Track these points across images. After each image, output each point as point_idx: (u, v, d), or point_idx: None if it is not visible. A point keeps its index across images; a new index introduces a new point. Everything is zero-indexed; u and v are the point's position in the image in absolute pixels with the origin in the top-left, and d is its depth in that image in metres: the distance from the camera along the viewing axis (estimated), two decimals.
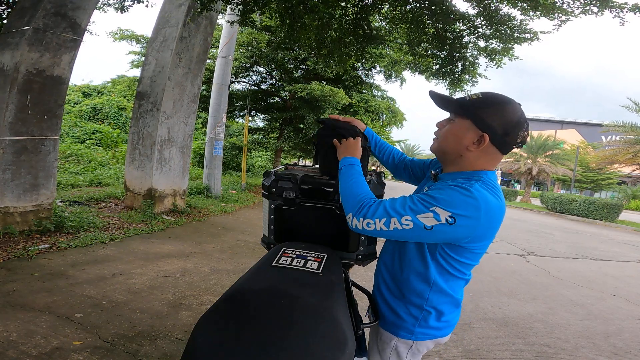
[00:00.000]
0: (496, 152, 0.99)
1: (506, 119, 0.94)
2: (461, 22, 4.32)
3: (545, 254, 6.36)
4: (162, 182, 5.82)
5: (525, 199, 21.85)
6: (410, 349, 1.08)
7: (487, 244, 1.01)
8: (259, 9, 4.52)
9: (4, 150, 3.65)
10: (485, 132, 0.95)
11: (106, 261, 3.50)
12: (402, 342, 1.09)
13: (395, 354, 1.10)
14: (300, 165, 1.69)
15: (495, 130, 0.95)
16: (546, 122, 40.75)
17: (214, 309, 0.80)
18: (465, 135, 0.98)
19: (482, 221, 0.89)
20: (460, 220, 0.87)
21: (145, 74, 5.92)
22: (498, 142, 0.96)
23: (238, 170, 15.37)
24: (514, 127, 0.95)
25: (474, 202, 0.88)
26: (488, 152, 0.98)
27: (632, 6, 3.07)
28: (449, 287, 1.03)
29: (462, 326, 2.91)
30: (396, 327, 1.08)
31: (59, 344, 2.04)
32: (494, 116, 0.95)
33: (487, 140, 0.95)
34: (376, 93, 13.16)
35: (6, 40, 3.82)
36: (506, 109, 0.95)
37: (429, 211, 0.88)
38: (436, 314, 1.05)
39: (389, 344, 1.10)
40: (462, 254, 0.99)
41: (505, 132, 0.95)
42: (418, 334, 1.06)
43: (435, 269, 1.02)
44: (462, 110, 0.99)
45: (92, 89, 18.53)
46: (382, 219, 0.92)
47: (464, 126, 0.98)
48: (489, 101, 0.96)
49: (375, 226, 0.93)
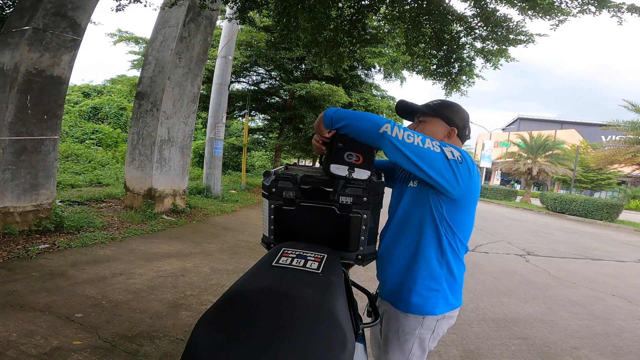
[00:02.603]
0: (459, 143, 1.26)
1: (462, 117, 1.25)
2: (458, 23, 4.32)
3: (545, 254, 6.36)
4: (162, 182, 5.83)
5: (525, 199, 21.86)
6: (432, 333, 1.18)
7: (473, 213, 1.20)
8: (257, 7, 4.53)
9: (4, 150, 3.65)
10: (453, 127, 1.23)
11: (106, 261, 3.50)
12: (426, 328, 1.17)
13: (419, 341, 1.18)
14: (300, 165, 1.70)
15: (458, 125, 1.23)
16: (546, 122, 40.79)
17: (213, 309, 0.80)
18: (438, 130, 1.23)
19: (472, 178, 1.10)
20: (465, 165, 1.07)
21: (145, 74, 5.92)
22: (461, 135, 1.25)
23: (238, 170, 15.38)
24: (467, 121, 1.26)
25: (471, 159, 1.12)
26: (455, 143, 1.24)
27: (630, 6, 3.07)
28: (458, 252, 1.19)
29: (462, 326, 2.91)
30: (423, 307, 1.16)
31: (59, 344, 2.04)
32: (456, 114, 1.24)
33: (455, 133, 1.23)
34: (375, 93, 13.17)
35: (6, 40, 3.82)
36: (460, 109, 1.26)
37: (448, 145, 1.08)
38: (453, 282, 1.19)
39: (412, 334, 1.18)
40: (461, 218, 1.15)
41: (464, 126, 1.25)
42: (442, 305, 1.17)
43: (446, 237, 1.16)
44: (432, 112, 1.25)
45: (92, 89, 18.53)
46: (419, 136, 1.04)
47: (436, 124, 1.24)
48: (448, 104, 1.26)
49: (414, 139, 1.03)
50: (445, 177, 1.05)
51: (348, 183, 1.24)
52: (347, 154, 1.30)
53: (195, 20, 5.81)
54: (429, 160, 1.03)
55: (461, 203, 1.12)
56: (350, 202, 1.21)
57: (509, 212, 15.32)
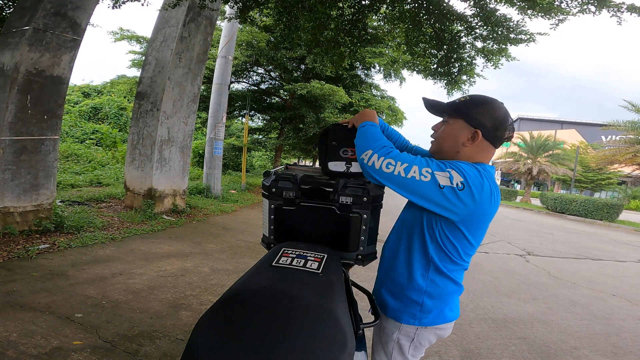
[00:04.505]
0: (489, 146, 1.08)
1: (493, 115, 1.06)
2: (459, 22, 4.32)
3: (545, 254, 6.36)
4: (162, 182, 5.83)
5: (525, 199, 21.86)
6: (412, 341, 1.11)
7: (479, 234, 1.08)
8: (257, 6, 4.52)
9: (4, 150, 3.65)
10: (478, 128, 1.06)
11: (106, 261, 3.50)
12: (404, 334, 1.12)
13: (398, 347, 1.13)
14: (300, 165, 1.70)
15: (485, 125, 1.06)
16: (546, 122, 40.74)
17: (214, 309, 0.80)
18: (460, 133, 1.08)
19: (477, 202, 0.98)
20: (466, 191, 0.96)
21: (145, 74, 5.92)
22: (490, 137, 1.07)
23: (238, 170, 15.38)
24: (501, 121, 1.06)
25: (481, 180, 0.99)
26: (482, 146, 1.08)
27: (629, 6, 3.07)
28: (447, 271, 1.09)
29: (462, 326, 2.91)
30: (399, 313, 1.11)
31: (59, 344, 2.04)
32: (483, 113, 1.06)
33: (480, 135, 1.06)
34: (376, 93, 13.16)
35: (6, 40, 3.82)
36: (492, 107, 1.07)
37: (446, 170, 0.97)
38: (437, 299, 1.09)
39: (391, 337, 1.14)
40: (460, 239, 1.05)
41: (494, 126, 1.06)
42: (421, 318, 1.09)
43: (435, 254, 1.07)
44: (454, 112, 1.09)
45: (92, 89, 18.51)
46: (405, 164, 0.98)
47: (457, 125, 1.09)
48: (476, 101, 1.08)
49: (395, 169, 0.98)
50: (438, 203, 0.98)
51: (348, 183, 1.24)
52: (343, 150, 1.32)
53: (195, 20, 5.81)
54: (414, 190, 0.98)
55: (464, 224, 1.03)
56: (350, 202, 1.21)
57: (509, 212, 15.31)
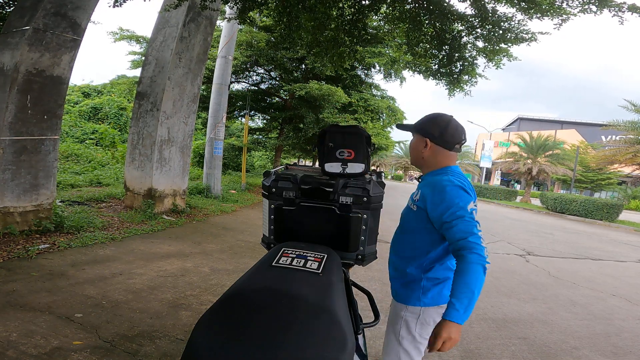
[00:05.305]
0: (443, 150, 1.32)
1: (439, 125, 1.32)
2: (459, 22, 4.31)
3: (545, 254, 6.36)
4: (162, 182, 5.82)
5: (525, 199, 21.85)
6: (419, 318, 1.30)
7: None
8: (257, 7, 4.52)
9: (4, 150, 3.65)
10: (426, 137, 1.33)
11: (106, 261, 3.50)
12: (411, 312, 1.31)
13: (405, 325, 1.31)
14: (301, 165, 1.70)
15: (432, 133, 1.32)
16: (546, 122, 40.74)
17: (214, 309, 0.80)
18: (418, 144, 1.36)
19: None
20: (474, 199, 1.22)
21: (145, 74, 5.92)
22: (438, 142, 1.31)
23: (238, 170, 15.37)
24: (444, 128, 1.30)
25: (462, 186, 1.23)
26: (436, 150, 1.32)
27: (630, 6, 3.07)
28: (447, 258, 1.31)
29: (462, 326, 2.90)
30: (406, 297, 1.32)
31: (59, 344, 2.04)
32: (431, 125, 1.33)
33: (429, 142, 1.32)
34: (375, 93, 13.15)
35: (6, 40, 3.82)
36: (437, 119, 1.34)
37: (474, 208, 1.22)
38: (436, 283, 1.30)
39: (399, 315, 1.33)
40: None
41: (440, 133, 1.31)
42: (424, 300, 1.29)
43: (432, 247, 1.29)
44: (413, 129, 1.38)
45: (92, 89, 18.50)
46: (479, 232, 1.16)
47: (416, 139, 1.38)
48: (426, 118, 1.37)
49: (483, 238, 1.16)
50: None
51: (348, 183, 1.24)
52: (339, 152, 1.33)
53: (195, 20, 5.81)
54: None
55: None
56: (350, 202, 1.21)
57: (509, 212, 15.31)
